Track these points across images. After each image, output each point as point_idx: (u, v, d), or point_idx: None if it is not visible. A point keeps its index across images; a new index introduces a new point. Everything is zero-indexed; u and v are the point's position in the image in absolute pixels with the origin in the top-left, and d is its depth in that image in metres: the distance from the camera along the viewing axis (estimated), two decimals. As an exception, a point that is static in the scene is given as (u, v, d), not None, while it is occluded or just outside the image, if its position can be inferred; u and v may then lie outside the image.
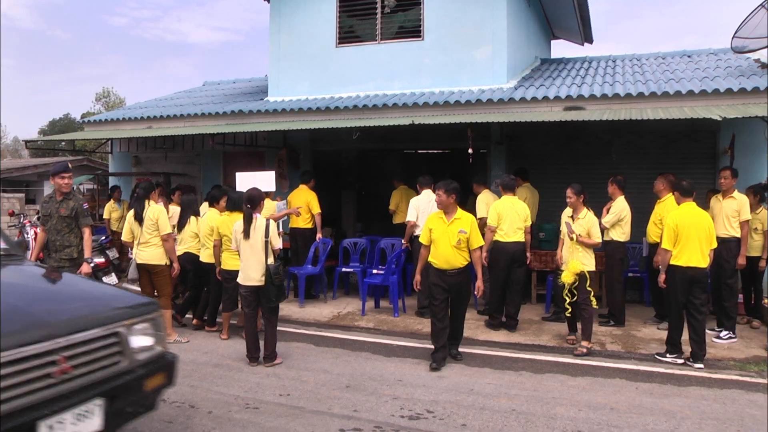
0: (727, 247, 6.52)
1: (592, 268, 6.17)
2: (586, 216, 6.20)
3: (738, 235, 6.59)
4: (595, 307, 6.08)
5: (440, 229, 5.58)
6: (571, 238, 6.14)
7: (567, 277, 6.07)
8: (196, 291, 7.23)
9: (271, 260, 5.68)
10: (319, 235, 8.49)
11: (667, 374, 5.36)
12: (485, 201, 7.72)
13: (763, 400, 4.70)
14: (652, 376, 5.26)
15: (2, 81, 67.31)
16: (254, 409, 4.44)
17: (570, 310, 6.21)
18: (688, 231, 5.59)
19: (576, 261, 6.06)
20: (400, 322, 7.31)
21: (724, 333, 6.43)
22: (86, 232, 6.00)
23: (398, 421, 4.22)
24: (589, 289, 6.03)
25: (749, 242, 6.74)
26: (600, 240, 6.30)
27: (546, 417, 4.31)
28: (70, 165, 6.12)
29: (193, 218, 7.23)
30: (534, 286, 8.42)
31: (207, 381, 5.12)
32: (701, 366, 5.54)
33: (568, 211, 6.38)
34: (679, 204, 5.96)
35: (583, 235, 6.12)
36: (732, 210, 6.60)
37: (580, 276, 6.03)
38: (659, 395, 4.78)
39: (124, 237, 6.75)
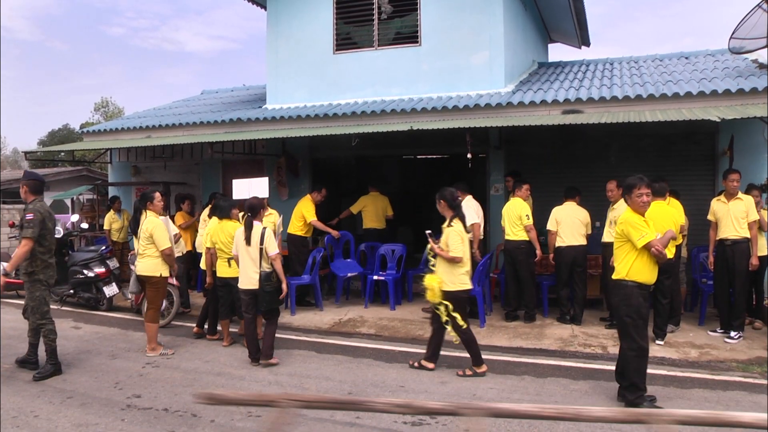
0: (740, 249, 6.51)
1: (452, 287, 5.37)
2: (450, 227, 5.48)
3: (748, 235, 6.58)
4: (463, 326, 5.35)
5: None
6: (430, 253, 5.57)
7: (432, 296, 5.41)
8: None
9: (266, 266, 5.82)
10: (335, 233, 8.74)
11: (669, 376, 5.35)
12: (470, 207, 7.60)
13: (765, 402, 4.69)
14: (654, 379, 5.22)
15: (2, 92, 67.43)
16: (257, 417, 4.43)
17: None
18: None
19: (433, 277, 5.44)
20: (401, 328, 7.30)
21: (734, 333, 6.43)
22: (22, 245, 5.38)
23: (401, 428, 4.21)
24: (454, 314, 5.31)
25: None
26: (459, 255, 5.32)
27: (549, 422, 4.29)
28: (43, 177, 5.74)
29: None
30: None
31: (209, 389, 5.10)
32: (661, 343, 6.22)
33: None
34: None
35: (443, 248, 5.41)
36: (741, 211, 6.58)
37: (445, 296, 5.37)
38: (662, 398, 4.76)
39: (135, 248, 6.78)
